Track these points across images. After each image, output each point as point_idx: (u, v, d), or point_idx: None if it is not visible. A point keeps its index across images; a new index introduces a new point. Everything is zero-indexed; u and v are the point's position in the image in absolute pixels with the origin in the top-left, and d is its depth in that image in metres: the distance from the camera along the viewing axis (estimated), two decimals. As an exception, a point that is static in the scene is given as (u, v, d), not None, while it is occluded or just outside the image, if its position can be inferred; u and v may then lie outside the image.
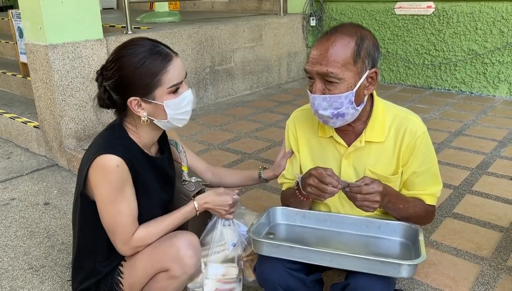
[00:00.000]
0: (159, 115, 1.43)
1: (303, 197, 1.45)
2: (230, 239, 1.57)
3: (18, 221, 2.48)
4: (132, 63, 1.37)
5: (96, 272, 1.51)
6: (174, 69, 1.40)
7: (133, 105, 1.40)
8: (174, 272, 1.43)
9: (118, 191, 1.37)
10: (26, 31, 3.01)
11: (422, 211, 1.46)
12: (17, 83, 4.28)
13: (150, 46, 1.40)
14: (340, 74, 1.31)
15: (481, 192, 2.31)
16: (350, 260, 1.26)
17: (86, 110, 3.09)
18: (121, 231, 1.41)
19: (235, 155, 2.89)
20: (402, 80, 4.62)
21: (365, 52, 1.34)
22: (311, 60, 1.36)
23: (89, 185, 1.40)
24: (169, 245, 1.44)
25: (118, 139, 1.43)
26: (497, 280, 1.65)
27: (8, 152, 3.48)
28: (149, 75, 1.37)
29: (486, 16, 3.97)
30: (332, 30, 1.37)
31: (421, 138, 1.42)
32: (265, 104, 4.08)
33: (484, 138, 3.05)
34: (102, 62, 3.03)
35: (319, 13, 4.93)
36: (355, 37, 1.33)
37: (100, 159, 1.35)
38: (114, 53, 1.42)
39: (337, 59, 1.31)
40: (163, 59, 1.39)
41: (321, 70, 1.32)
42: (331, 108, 1.35)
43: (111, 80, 1.40)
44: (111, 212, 1.39)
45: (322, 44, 1.34)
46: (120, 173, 1.36)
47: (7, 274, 2.03)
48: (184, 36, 3.77)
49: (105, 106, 1.46)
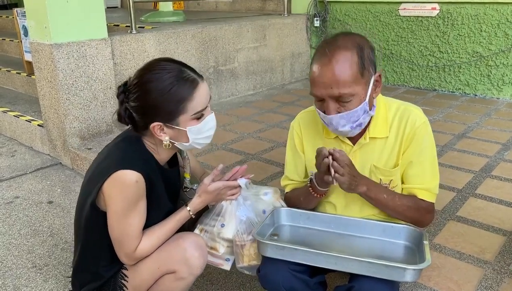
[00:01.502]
0: (181, 139, 1.43)
1: (317, 194, 1.49)
2: (225, 218, 1.54)
3: (22, 219, 2.49)
4: (158, 90, 1.35)
5: (99, 276, 1.50)
6: (200, 96, 1.39)
7: (156, 130, 1.39)
8: (181, 274, 1.43)
9: (132, 205, 1.36)
10: (31, 30, 3.02)
11: (412, 205, 1.45)
12: (21, 81, 4.29)
13: (177, 72, 1.37)
14: (352, 91, 1.31)
15: (485, 195, 2.31)
16: (355, 263, 1.26)
17: (90, 109, 3.10)
18: (127, 244, 1.40)
19: (238, 155, 2.90)
20: (406, 82, 4.61)
21: (368, 61, 1.35)
22: (318, 84, 1.33)
23: (102, 196, 1.38)
24: (175, 247, 1.44)
25: (137, 153, 1.41)
26: (500, 284, 1.64)
27: (12, 150, 3.49)
28: (175, 102, 1.36)
29: (490, 19, 3.96)
30: (330, 47, 1.33)
31: (421, 128, 1.43)
32: (268, 105, 4.08)
33: (488, 141, 3.05)
34: (106, 61, 3.10)
35: (323, 14, 4.93)
36: (355, 50, 1.32)
37: (120, 174, 1.32)
38: (139, 76, 1.39)
39: (346, 79, 1.30)
40: (189, 86, 1.37)
41: (332, 94, 1.32)
42: (350, 123, 1.37)
43: (135, 103, 1.38)
44: (122, 224, 1.37)
45: (325, 66, 1.31)
46: (138, 189, 1.35)
47: (10, 272, 2.04)
48: (188, 36, 3.78)
49: (125, 123, 1.43)
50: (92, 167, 1.48)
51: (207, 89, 1.42)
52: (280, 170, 2.61)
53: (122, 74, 3.28)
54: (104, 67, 3.10)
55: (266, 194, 1.60)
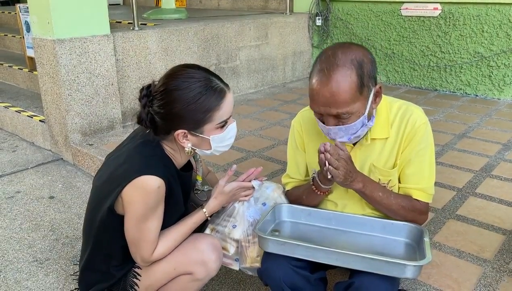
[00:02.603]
0: (204, 146, 1.43)
1: (320, 191, 1.49)
2: (237, 219, 1.55)
3: (23, 214, 2.50)
4: (186, 99, 1.33)
5: (110, 276, 1.48)
6: (227, 106, 1.39)
7: (180, 137, 1.38)
8: (198, 275, 1.43)
9: (152, 210, 1.35)
10: (34, 26, 3.03)
11: (407, 205, 1.45)
12: (23, 77, 4.29)
13: (205, 81, 1.36)
14: (350, 109, 1.32)
15: (485, 194, 2.32)
16: (355, 259, 1.27)
17: (92, 105, 3.10)
18: (145, 247, 1.39)
19: (240, 152, 2.90)
20: (407, 81, 4.62)
21: (367, 78, 1.33)
22: (316, 102, 1.34)
23: (121, 201, 1.36)
24: (192, 249, 1.44)
25: (158, 158, 1.39)
26: (499, 282, 1.65)
27: (13, 145, 3.50)
28: (202, 112, 1.35)
29: (492, 19, 3.96)
30: (328, 64, 1.31)
31: (421, 128, 1.43)
32: (270, 103, 4.08)
33: (488, 141, 3.05)
34: (108, 57, 3.10)
35: (325, 13, 4.93)
36: (354, 68, 1.30)
37: (143, 180, 1.31)
38: (166, 83, 1.36)
39: (345, 99, 1.30)
40: (217, 96, 1.36)
41: (331, 113, 1.33)
42: (348, 135, 1.38)
43: (160, 110, 1.35)
44: (141, 229, 1.36)
45: (324, 86, 1.30)
46: (159, 194, 1.34)
47: (11, 266, 2.05)
48: (190, 33, 3.78)
49: (145, 127, 1.41)
50: (108, 168, 1.44)
51: (232, 99, 1.42)
52: (281, 167, 2.62)
53: (124, 71, 3.29)
54: (106, 63, 3.11)
55: (268, 188, 1.61)
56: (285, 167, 1.71)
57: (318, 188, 1.49)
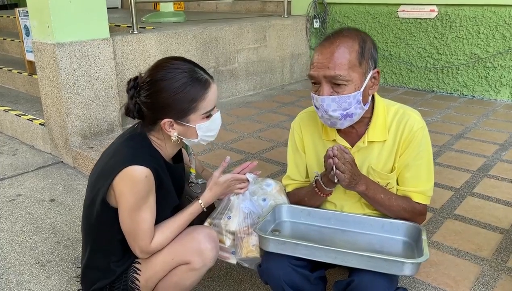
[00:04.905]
0: (190, 135, 1.47)
1: (323, 193, 1.51)
2: (232, 211, 1.58)
3: (24, 216, 2.51)
4: (172, 88, 1.39)
5: (110, 272, 1.51)
6: (211, 96, 1.44)
7: (166, 125, 1.43)
8: (195, 265, 1.46)
9: (143, 200, 1.39)
10: (34, 30, 3.05)
11: (407, 207, 1.48)
12: (22, 81, 4.31)
13: (191, 72, 1.42)
14: (347, 76, 1.35)
15: (482, 194, 2.34)
16: (354, 257, 1.29)
17: (92, 108, 3.12)
18: (141, 238, 1.42)
19: (239, 154, 2.92)
20: (404, 83, 4.65)
21: (368, 54, 1.39)
22: (316, 65, 1.38)
23: (112, 193, 1.41)
24: (189, 239, 1.48)
25: (145, 149, 1.44)
26: (497, 280, 1.67)
27: (13, 149, 3.51)
28: (187, 101, 1.40)
29: (488, 21, 3.99)
30: (334, 34, 1.41)
31: (418, 132, 1.46)
32: (268, 105, 4.11)
33: (486, 141, 3.08)
34: (108, 61, 3.12)
35: (322, 16, 4.96)
36: (357, 40, 1.38)
37: (130, 170, 1.35)
38: (152, 74, 1.42)
39: (343, 61, 1.35)
40: (202, 86, 1.42)
41: (328, 74, 1.36)
42: (340, 109, 1.39)
43: (147, 100, 1.41)
44: (135, 219, 1.40)
45: (326, 49, 1.37)
46: (148, 183, 1.38)
47: (14, 268, 2.06)
48: (189, 36, 3.80)
49: (132, 117, 1.47)
50: (98, 166, 1.50)
51: (217, 90, 1.48)
52: (280, 169, 2.64)
53: (124, 74, 3.31)
54: (106, 66, 3.13)
55: (269, 185, 1.63)
56: (284, 168, 1.73)
57: (322, 190, 1.50)
